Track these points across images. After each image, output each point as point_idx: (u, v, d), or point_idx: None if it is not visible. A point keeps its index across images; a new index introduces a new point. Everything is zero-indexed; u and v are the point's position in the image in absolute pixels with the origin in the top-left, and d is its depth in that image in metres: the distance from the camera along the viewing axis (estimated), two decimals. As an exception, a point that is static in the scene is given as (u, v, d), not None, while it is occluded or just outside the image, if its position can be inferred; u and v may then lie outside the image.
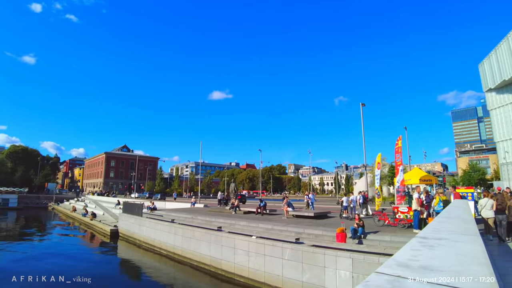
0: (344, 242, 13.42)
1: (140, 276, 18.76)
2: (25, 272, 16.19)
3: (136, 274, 19.21)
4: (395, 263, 1.88)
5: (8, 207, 61.58)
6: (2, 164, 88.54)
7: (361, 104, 25.03)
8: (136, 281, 17.96)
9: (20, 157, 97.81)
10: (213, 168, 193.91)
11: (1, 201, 62.67)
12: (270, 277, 14.03)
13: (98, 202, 55.63)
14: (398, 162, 19.34)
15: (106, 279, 17.69)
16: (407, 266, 1.83)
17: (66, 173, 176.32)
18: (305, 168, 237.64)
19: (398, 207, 16.57)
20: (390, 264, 1.85)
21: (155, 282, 16.88)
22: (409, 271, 1.71)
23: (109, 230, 30.78)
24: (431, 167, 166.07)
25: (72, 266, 19.75)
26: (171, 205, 41.66)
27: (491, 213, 11.81)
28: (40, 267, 19.12)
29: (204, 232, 18.57)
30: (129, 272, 19.78)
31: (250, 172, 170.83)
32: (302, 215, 20.90)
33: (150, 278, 17.77)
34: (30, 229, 40.31)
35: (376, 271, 1.67)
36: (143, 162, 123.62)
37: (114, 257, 24.57)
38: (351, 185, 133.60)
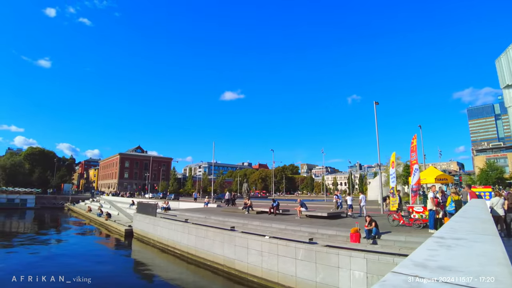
0: (358, 242, 13.29)
1: (153, 275, 18.92)
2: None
3: (150, 273, 19.38)
4: (412, 263, 1.84)
5: (26, 207, 62.98)
6: (20, 165, 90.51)
7: (375, 103, 24.79)
8: (150, 281, 18.10)
9: (37, 158, 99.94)
10: (226, 168, 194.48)
11: (20, 202, 64.08)
12: (283, 277, 13.99)
13: (113, 202, 56.40)
14: (413, 161, 19.05)
15: (117, 279, 17.92)
16: (425, 266, 1.79)
17: (81, 174, 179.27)
18: (318, 168, 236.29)
19: (413, 206, 16.33)
20: (407, 264, 1.82)
21: (168, 282, 17.00)
22: (426, 271, 1.68)
23: (124, 230, 31.19)
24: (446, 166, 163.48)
25: (86, 266, 20.11)
26: (184, 205, 41.95)
27: (501, 211, 12.30)
28: (54, 266, 19.52)
29: (218, 232, 18.64)
30: (142, 272, 19.96)
31: (263, 172, 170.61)
32: (316, 215, 20.79)
33: (164, 278, 17.91)
34: (47, 229, 41.13)
35: (393, 270, 1.64)
36: (157, 162, 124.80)
37: (128, 256, 24.86)
38: (365, 184, 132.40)
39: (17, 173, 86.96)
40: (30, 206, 64.19)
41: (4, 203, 61.93)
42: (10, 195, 65.09)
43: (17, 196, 65.41)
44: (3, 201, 62.48)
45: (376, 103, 24.78)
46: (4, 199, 63.13)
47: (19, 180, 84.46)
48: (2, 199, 63.09)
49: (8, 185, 77.37)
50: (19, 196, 65.72)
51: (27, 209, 62.31)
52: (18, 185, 77.57)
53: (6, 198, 63.54)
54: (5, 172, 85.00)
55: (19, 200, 64.45)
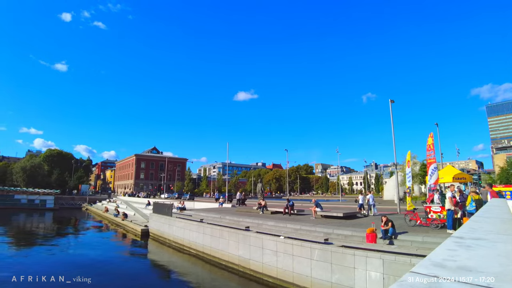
0: (374, 243, 13.14)
1: (170, 275, 19.13)
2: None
3: (166, 273, 19.60)
4: (431, 263, 1.81)
5: (46, 208, 64.41)
6: (39, 167, 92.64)
7: (390, 101, 24.47)
8: (166, 280, 18.30)
9: (56, 160, 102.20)
10: (240, 169, 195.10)
11: (40, 202, 65.64)
12: (298, 277, 13.95)
13: (129, 203, 57.18)
14: (430, 160, 18.73)
15: (134, 278, 18.16)
16: (443, 266, 1.76)
17: (98, 175, 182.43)
18: (333, 168, 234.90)
19: (431, 206, 16.05)
20: (425, 264, 1.79)
21: (185, 281, 17.15)
22: (445, 271, 1.65)
23: (140, 230, 31.61)
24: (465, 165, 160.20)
25: (103, 265, 20.50)
26: (200, 205, 42.24)
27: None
28: (71, 265, 19.95)
29: (232, 232, 18.71)
30: (159, 271, 20.19)
31: (277, 172, 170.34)
32: (331, 216, 20.64)
33: (180, 277, 18.08)
34: (65, 229, 42.00)
35: (411, 270, 1.62)
36: (172, 163, 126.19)
37: (144, 256, 25.20)
38: (381, 184, 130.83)
39: (36, 175, 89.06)
40: (50, 206, 65.62)
41: (25, 204, 63.59)
42: (30, 196, 66.79)
43: (37, 197, 67.05)
44: (24, 202, 64.16)
45: (392, 101, 24.45)
46: (25, 200, 64.82)
47: (39, 181, 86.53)
48: (23, 199, 64.79)
49: (28, 186, 79.37)
50: (39, 197, 67.32)
51: (47, 209, 63.73)
52: (37, 186, 79.49)
53: (26, 199, 65.22)
54: (25, 174, 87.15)
55: (39, 201, 66.01)
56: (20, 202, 63.81)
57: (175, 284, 17.25)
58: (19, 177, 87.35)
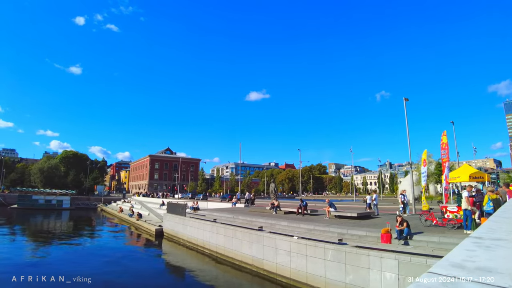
0: (389, 243, 12.98)
1: (184, 274, 19.26)
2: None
3: (180, 272, 19.74)
4: (449, 264, 1.77)
5: (62, 208, 65.58)
6: (56, 168, 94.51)
7: (404, 99, 24.19)
8: (181, 279, 18.44)
9: (71, 161, 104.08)
10: (253, 169, 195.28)
11: (56, 203, 66.88)
12: (312, 278, 13.88)
13: (144, 203, 57.76)
14: (443, 158, 18.39)
15: (149, 277, 18.33)
16: (462, 267, 1.72)
17: (113, 175, 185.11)
18: (346, 168, 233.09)
19: (447, 206, 15.79)
20: (443, 265, 1.75)
21: (198, 281, 17.23)
22: (464, 272, 1.61)
23: (154, 229, 31.92)
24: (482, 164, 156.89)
25: (118, 265, 20.78)
26: (213, 205, 42.38)
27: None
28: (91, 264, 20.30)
29: (246, 232, 18.73)
30: (173, 270, 20.37)
31: (290, 172, 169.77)
32: (345, 216, 20.48)
33: (194, 276, 18.17)
34: (82, 228, 42.68)
35: (429, 271, 1.59)
36: (185, 163, 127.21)
37: (159, 255, 25.45)
38: (395, 184, 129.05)
39: (53, 176, 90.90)
40: (66, 207, 66.77)
41: (43, 204, 64.88)
42: (47, 197, 68.10)
43: (54, 198, 68.30)
44: (42, 202, 65.47)
45: (406, 100, 24.15)
46: (43, 200, 66.13)
47: (55, 182, 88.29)
48: (41, 200, 66.12)
49: (45, 187, 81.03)
50: (55, 198, 68.56)
51: (63, 209, 64.87)
52: (54, 187, 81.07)
53: (44, 199, 66.52)
54: (43, 175, 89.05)
55: (56, 201, 67.24)
56: (38, 203, 65.12)
57: (189, 284, 17.36)
58: (37, 178, 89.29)
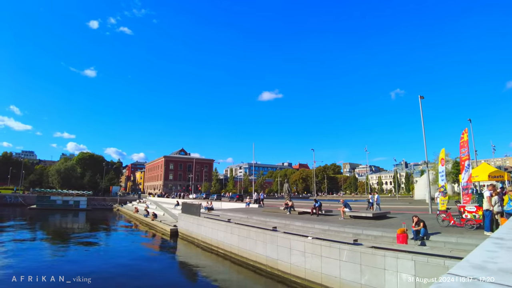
0: (405, 244, 12.78)
1: (199, 274, 19.34)
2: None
3: (195, 272, 19.83)
4: (469, 265, 1.72)
5: (79, 208, 66.84)
6: (73, 169, 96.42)
7: (420, 97, 23.80)
8: (195, 279, 18.51)
9: (88, 163, 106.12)
10: (266, 169, 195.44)
11: (73, 203, 68.21)
12: (327, 278, 13.77)
13: (159, 203, 58.39)
14: (463, 157, 17.97)
15: (164, 276, 18.51)
16: (483, 268, 1.66)
17: (128, 176, 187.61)
18: (361, 167, 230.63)
19: (465, 206, 15.44)
20: (464, 266, 1.69)
21: (213, 280, 17.32)
22: (486, 273, 1.55)
23: (169, 229, 32.20)
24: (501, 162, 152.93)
25: (134, 264, 21.08)
26: (227, 205, 42.54)
27: None
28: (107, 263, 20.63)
29: (260, 232, 18.71)
30: (188, 270, 20.48)
31: (303, 172, 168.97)
32: (360, 216, 20.27)
33: (209, 276, 18.26)
34: (98, 228, 43.39)
35: (449, 272, 1.54)
36: (199, 164, 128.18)
37: (174, 255, 25.69)
38: (411, 183, 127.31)
39: (70, 177, 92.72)
40: (83, 207, 68.01)
41: (60, 205, 66.28)
42: (65, 197, 69.55)
43: (71, 198, 69.67)
44: (59, 203, 66.88)
45: (421, 98, 23.75)
46: (60, 201, 67.55)
47: (72, 183, 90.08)
48: (58, 200, 67.57)
49: (63, 188, 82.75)
50: (72, 198, 69.92)
51: (80, 210, 66.09)
52: (71, 188, 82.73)
53: (61, 200, 67.95)
54: (60, 176, 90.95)
55: (73, 202, 68.55)
56: (56, 203, 66.57)
57: (203, 284, 17.43)
58: (55, 179, 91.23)
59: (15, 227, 39.59)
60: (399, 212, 24.54)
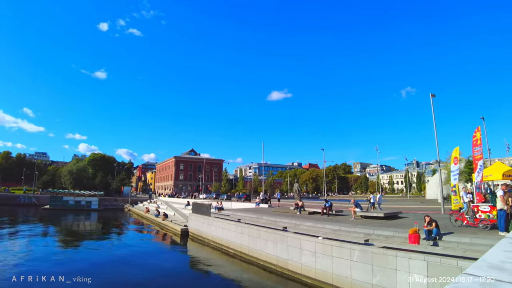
0: (417, 244, 12.62)
1: (209, 274, 19.38)
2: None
3: (206, 272, 19.87)
4: (486, 265, 1.66)
5: (91, 209, 67.72)
6: (84, 170, 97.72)
7: (431, 95, 23.54)
8: (204, 279, 18.52)
9: (99, 163, 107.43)
10: (276, 169, 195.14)
11: (85, 204, 69.10)
12: (338, 278, 13.67)
13: (169, 203, 58.73)
14: (476, 156, 17.66)
15: (175, 276, 18.59)
16: (502, 268, 1.60)
17: (139, 177, 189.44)
18: (372, 167, 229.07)
19: (478, 206, 15.18)
20: (481, 266, 1.64)
21: (222, 280, 17.34)
22: (504, 273, 1.49)
23: (180, 229, 32.39)
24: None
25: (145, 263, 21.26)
26: (236, 205, 42.62)
27: None
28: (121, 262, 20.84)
29: (270, 232, 18.67)
30: (199, 270, 20.53)
31: (313, 172, 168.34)
32: (371, 216, 20.10)
33: (219, 276, 18.30)
34: (110, 228, 43.95)
35: (465, 272, 1.48)
36: (209, 164, 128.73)
37: (184, 254, 25.84)
38: (423, 183, 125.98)
39: (82, 178, 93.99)
40: (94, 207, 68.84)
41: (72, 205, 67.22)
42: (77, 198, 70.45)
43: (83, 199, 70.54)
44: (72, 203, 67.83)
45: (433, 96, 23.48)
46: (72, 201, 68.49)
47: (84, 183, 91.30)
48: (71, 201, 68.51)
49: (75, 188, 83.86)
50: (84, 199, 70.79)
51: (92, 210, 66.91)
52: (83, 188, 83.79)
53: (74, 200, 68.89)
54: (72, 177, 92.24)
55: (85, 202, 69.44)
56: (68, 203, 67.54)
57: (214, 283, 17.44)
58: (67, 180, 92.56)
59: (28, 226, 40.23)
60: (410, 212, 24.28)
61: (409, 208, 31.45)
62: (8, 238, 30.85)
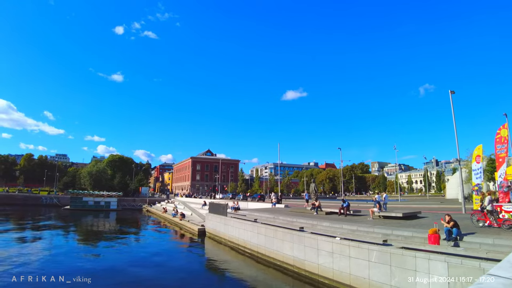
0: (437, 244, 12.34)
1: (226, 273, 19.43)
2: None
3: (221, 271, 19.94)
4: (511, 266, 1.60)
5: (110, 209, 69.11)
6: (103, 171, 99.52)
7: (450, 92, 22.97)
8: (221, 278, 18.58)
9: (118, 165, 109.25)
10: (292, 169, 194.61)
11: (104, 204, 70.52)
12: (356, 279, 13.50)
13: (186, 203, 59.26)
14: (500, 154, 17.17)
15: (192, 274, 18.72)
16: (527, 269, 1.54)
17: (157, 177, 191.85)
18: (390, 166, 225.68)
19: (502, 205, 14.75)
20: (505, 267, 1.58)
21: (239, 280, 17.34)
22: (531, 275, 1.44)
23: (197, 229, 32.65)
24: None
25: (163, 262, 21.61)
26: (253, 205, 42.64)
27: None
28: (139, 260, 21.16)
29: (287, 232, 18.60)
30: (216, 269, 20.61)
31: (330, 172, 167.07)
32: (390, 216, 19.78)
33: (236, 275, 18.31)
34: (129, 228, 44.63)
35: (489, 273, 1.43)
36: (225, 164, 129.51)
37: (202, 254, 26.06)
38: (442, 182, 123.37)
39: (101, 179, 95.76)
40: (113, 208, 70.21)
41: (92, 205, 68.69)
42: (96, 198, 71.86)
43: (102, 199, 71.91)
44: (91, 204, 69.30)
45: (452, 92, 22.92)
46: (92, 202, 69.95)
47: (103, 184, 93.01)
48: (90, 201, 69.99)
49: (94, 189, 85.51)
50: (103, 199, 72.16)
51: (111, 210, 68.28)
52: (102, 189, 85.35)
53: (93, 201, 70.33)
54: (91, 178, 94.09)
55: (104, 203, 70.84)
56: (88, 204, 69.01)
57: (230, 283, 17.48)
58: (86, 181, 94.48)
59: (49, 225, 41.27)
60: (430, 212, 23.81)
61: (429, 208, 30.85)
62: (32, 236, 31.74)
